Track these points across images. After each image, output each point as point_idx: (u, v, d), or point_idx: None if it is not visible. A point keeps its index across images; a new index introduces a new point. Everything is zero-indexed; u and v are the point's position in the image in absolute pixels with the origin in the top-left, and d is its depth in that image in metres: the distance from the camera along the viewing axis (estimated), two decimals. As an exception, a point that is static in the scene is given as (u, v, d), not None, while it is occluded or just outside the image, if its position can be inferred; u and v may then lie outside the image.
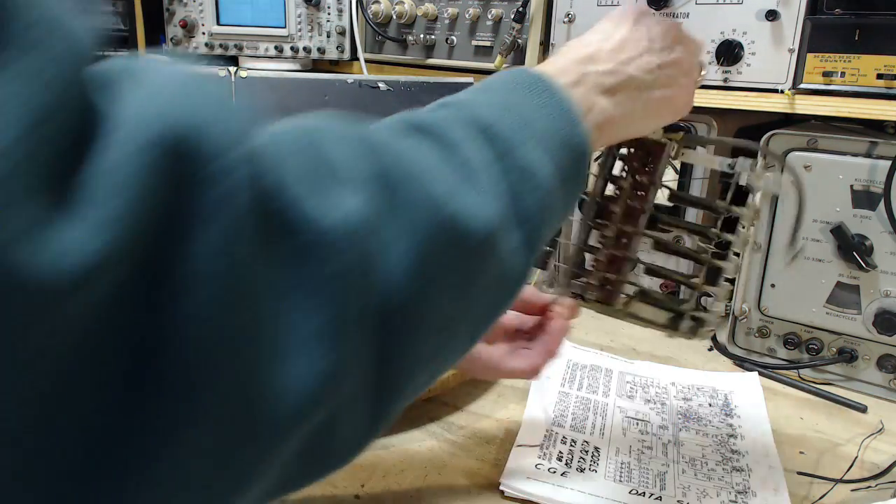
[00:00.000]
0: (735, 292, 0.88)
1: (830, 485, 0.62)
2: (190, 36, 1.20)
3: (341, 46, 1.23)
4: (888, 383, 0.79)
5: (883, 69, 0.74)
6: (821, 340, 0.83)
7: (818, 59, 0.78)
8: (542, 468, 0.62)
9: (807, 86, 0.79)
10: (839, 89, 0.77)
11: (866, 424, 0.74)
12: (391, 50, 1.16)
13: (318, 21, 1.21)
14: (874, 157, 0.76)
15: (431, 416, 0.71)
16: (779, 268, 0.84)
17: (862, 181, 0.77)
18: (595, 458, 0.64)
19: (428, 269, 0.30)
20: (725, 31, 0.83)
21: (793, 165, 0.80)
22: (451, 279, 0.32)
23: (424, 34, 1.09)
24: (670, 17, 0.87)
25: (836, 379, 0.83)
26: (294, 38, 1.21)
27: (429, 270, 0.30)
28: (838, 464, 0.66)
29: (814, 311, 0.82)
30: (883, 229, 0.76)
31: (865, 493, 0.61)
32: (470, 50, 1.06)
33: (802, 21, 0.78)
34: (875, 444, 0.70)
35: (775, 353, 0.87)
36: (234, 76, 0.78)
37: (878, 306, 0.78)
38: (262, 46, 1.21)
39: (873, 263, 0.77)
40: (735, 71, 0.84)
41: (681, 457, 0.65)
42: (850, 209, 0.78)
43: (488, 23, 1.02)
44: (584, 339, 0.89)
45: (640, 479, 0.61)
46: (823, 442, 0.70)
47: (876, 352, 0.80)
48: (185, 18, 1.18)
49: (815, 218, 0.81)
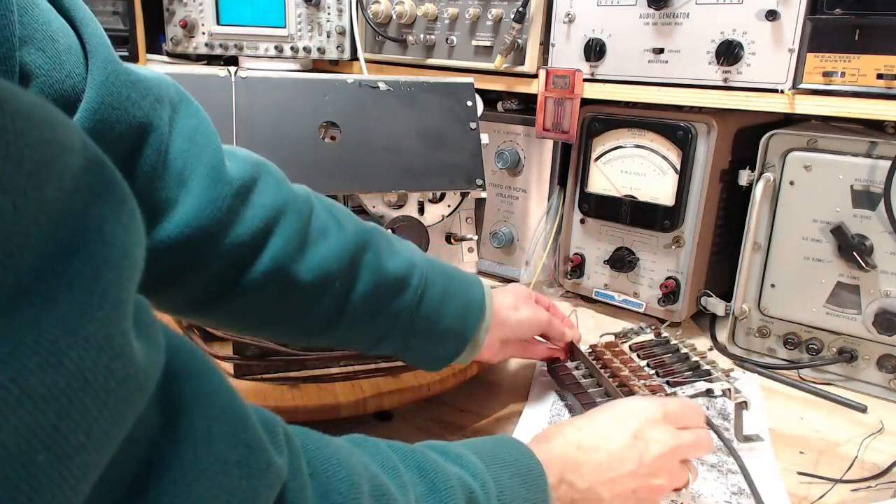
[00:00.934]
0: (735, 292, 0.88)
1: (830, 485, 0.62)
2: (190, 36, 1.20)
3: (341, 46, 1.23)
4: (888, 383, 0.79)
5: (883, 69, 0.74)
6: (821, 340, 0.83)
7: (818, 59, 0.78)
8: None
9: (807, 86, 0.79)
10: (839, 89, 0.77)
11: (866, 424, 0.74)
12: (391, 50, 1.16)
13: (318, 21, 1.21)
14: (874, 157, 0.76)
15: (431, 416, 0.71)
16: (779, 268, 0.84)
17: (862, 181, 0.77)
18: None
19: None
20: (725, 31, 0.83)
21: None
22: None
23: (424, 34, 1.09)
24: (670, 17, 0.87)
25: (836, 379, 0.83)
26: (294, 38, 1.21)
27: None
28: (838, 464, 0.66)
29: (814, 311, 0.82)
30: (883, 229, 0.76)
31: (865, 494, 0.61)
32: (470, 50, 1.05)
33: (802, 21, 0.78)
34: (875, 444, 0.70)
35: (775, 353, 0.87)
36: (234, 76, 0.78)
37: (878, 306, 0.77)
38: (262, 46, 1.21)
39: (873, 263, 0.77)
40: (735, 71, 0.84)
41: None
42: (850, 209, 0.78)
43: (488, 23, 1.02)
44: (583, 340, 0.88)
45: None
46: (823, 442, 0.70)
47: (876, 352, 0.80)
48: (185, 18, 1.18)
49: (815, 218, 0.81)
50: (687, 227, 0.92)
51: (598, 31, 0.94)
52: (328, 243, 0.54)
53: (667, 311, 0.96)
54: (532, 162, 1.07)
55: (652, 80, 0.91)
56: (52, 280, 0.19)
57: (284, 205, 0.52)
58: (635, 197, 0.95)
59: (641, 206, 0.94)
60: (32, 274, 0.19)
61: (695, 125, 0.89)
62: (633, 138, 0.94)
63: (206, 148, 0.49)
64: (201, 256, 0.49)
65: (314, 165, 0.78)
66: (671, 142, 0.90)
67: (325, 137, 0.81)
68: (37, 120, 0.19)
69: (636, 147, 0.93)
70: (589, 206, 1.00)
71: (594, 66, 0.95)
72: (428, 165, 0.83)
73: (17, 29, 0.35)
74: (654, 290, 0.97)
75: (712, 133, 0.88)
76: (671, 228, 0.92)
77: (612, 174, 0.96)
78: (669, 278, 0.95)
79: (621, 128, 0.95)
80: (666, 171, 0.92)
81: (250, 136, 0.77)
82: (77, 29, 0.41)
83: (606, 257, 1.00)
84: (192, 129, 0.49)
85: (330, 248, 0.54)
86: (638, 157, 0.94)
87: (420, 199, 0.85)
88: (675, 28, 0.87)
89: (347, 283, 0.55)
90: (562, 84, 0.96)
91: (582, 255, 1.03)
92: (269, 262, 0.51)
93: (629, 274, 0.99)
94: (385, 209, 0.83)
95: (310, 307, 0.54)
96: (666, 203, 0.92)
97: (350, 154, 0.80)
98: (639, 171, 0.94)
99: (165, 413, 0.25)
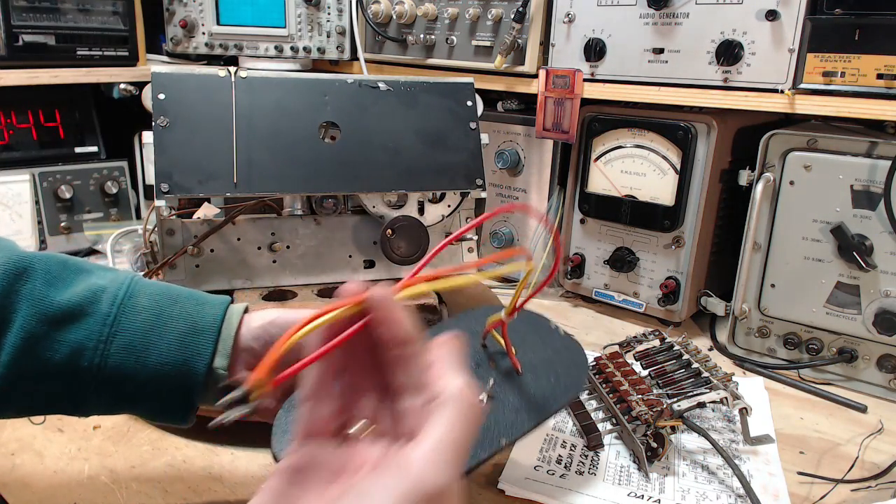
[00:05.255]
0: (735, 292, 0.88)
1: (831, 485, 0.62)
2: (190, 36, 1.20)
3: (341, 46, 1.23)
4: (888, 383, 0.79)
5: (883, 69, 0.74)
6: (821, 340, 0.83)
7: (818, 59, 0.78)
8: (542, 469, 0.62)
9: (807, 86, 0.79)
10: (839, 89, 0.77)
11: (866, 424, 0.74)
12: (391, 50, 1.16)
13: (318, 21, 1.21)
14: (874, 157, 0.76)
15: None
16: (779, 268, 0.84)
17: (862, 181, 0.77)
18: (595, 461, 0.64)
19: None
20: (725, 31, 0.83)
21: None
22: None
23: (424, 34, 1.09)
24: (670, 17, 0.87)
25: (836, 379, 0.83)
26: (294, 38, 1.21)
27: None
28: (838, 464, 0.66)
29: (814, 311, 0.82)
30: (883, 229, 0.76)
31: (865, 494, 0.61)
32: (470, 50, 1.05)
33: (802, 21, 0.78)
34: (875, 444, 0.70)
35: (775, 353, 0.87)
36: (234, 76, 0.78)
37: (878, 306, 0.77)
38: (262, 46, 1.21)
39: (873, 263, 0.77)
40: (735, 71, 0.84)
41: (682, 460, 0.65)
42: (850, 209, 0.78)
43: (488, 23, 1.02)
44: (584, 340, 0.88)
45: (639, 482, 0.61)
46: (823, 442, 0.70)
47: (876, 352, 0.80)
48: (185, 18, 1.18)
49: (815, 218, 0.81)
50: (687, 227, 0.92)
51: (598, 31, 0.94)
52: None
53: (667, 311, 0.96)
54: (532, 162, 1.07)
55: (652, 80, 0.91)
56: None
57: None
58: (635, 197, 0.94)
59: (641, 206, 0.94)
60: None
61: (695, 125, 0.89)
62: (633, 138, 0.94)
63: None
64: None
65: (314, 165, 0.78)
66: (671, 142, 0.90)
67: (325, 137, 0.81)
68: None
69: (636, 147, 0.93)
70: (589, 206, 1.00)
71: (594, 66, 0.95)
72: (428, 165, 0.83)
73: None
74: (654, 290, 0.97)
75: (712, 133, 0.88)
76: (671, 228, 0.92)
77: (612, 174, 0.96)
78: (669, 278, 0.95)
79: (621, 128, 0.95)
80: (666, 171, 0.91)
81: (250, 136, 0.77)
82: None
83: (606, 257, 1.00)
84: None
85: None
86: (638, 157, 0.94)
87: (420, 199, 0.85)
88: (675, 28, 0.87)
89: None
90: (562, 84, 0.96)
91: (582, 255, 1.03)
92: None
93: (629, 274, 0.99)
94: (385, 209, 0.83)
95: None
96: (666, 203, 0.92)
97: (350, 154, 0.80)
98: (639, 171, 0.94)
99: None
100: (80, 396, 0.48)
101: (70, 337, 0.47)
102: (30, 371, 0.46)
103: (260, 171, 0.76)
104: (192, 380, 0.48)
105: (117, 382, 0.47)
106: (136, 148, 1.26)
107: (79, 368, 0.47)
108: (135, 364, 0.48)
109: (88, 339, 0.47)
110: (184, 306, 0.50)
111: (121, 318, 0.48)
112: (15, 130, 1.16)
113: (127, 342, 0.48)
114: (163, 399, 0.49)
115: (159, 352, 0.48)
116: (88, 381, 0.47)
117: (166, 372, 0.48)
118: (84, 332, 0.47)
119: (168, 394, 0.49)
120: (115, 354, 0.47)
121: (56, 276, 0.48)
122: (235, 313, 0.52)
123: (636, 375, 0.71)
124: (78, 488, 0.57)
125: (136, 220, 1.24)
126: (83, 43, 1.13)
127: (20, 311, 0.46)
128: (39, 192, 1.15)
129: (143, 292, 0.50)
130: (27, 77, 1.07)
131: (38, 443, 0.63)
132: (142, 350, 0.48)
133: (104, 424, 0.67)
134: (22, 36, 1.06)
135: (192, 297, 0.51)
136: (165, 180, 0.73)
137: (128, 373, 0.48)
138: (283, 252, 0.82)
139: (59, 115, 1.21)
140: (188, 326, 0.49)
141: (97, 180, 1.21)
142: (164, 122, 0.74)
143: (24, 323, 0.46)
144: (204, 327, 0.49)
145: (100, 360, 0.47)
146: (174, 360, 0.48)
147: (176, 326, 0.49)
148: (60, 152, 1.20)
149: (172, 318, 0.49)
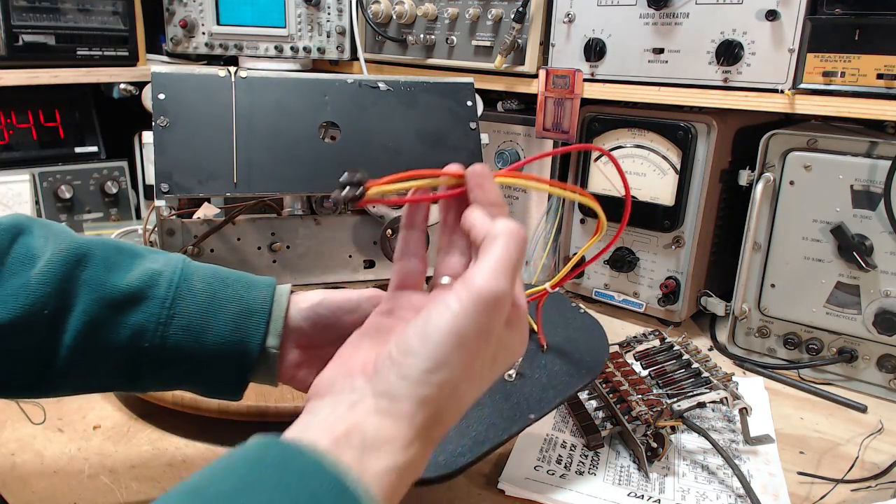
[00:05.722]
0: (735, 292, 0.88)
1: (831, 485, 0.62)
2: (190, 36, 1.20)
3: (341, 46, 1.23)
4: (888, 383, 0.79)
5: (883, 69, 0.74)
6: (821, 340, 0.83)
7: (818, 59, 0.78)
8: (542, 469, 0.62)
9: (807, 86, 0.79)
10: (839, 89, 0.77)
11: (866, 424, 0.74)
12: (391, 50, 1.16)
13: (318, 21, 1.21)
14: (874, 157, 0.76)
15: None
16: (779, 268, 0.84)
17: (862, 181, 0.77)
18: (595, 462, 0.64)
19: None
20: (725, 31, 0.83)
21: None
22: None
23: (424, 34, 1.09)
24: (670, 17, 0.87)
25: (836, 379, 0.83)
26: (294, 38, 1.21)
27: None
28: (838, 464, 0.66)
29: (814, 311, 0.82)
30: (883, 229, 0.76)
31: (865, 494, 0.61)
32: (470, 50, 1.05)
33: (802, 21, 0.78)
34: (875, 444, 0.70)
35: (775, 353, 0.87)
36: (234, 76, 0.78)
37: (878, 306, 0.77)
38: (262, 46, 1.21)
39: (873, 263, 0.77)
40: (735, 71, 0.84)
41: (682, 460, 0.65)
42: (850, 209, 0.78)
43: (488, 23, 1.02)
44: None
45: (639, 482, 0.61)
46: (824, 442, 0.70)
47: (876, 352, 0.80)
48: (185, 18, 1.18)
49: (815, 218, 0.81)
50: (687, 227, 0.92)
51: (598, 31, 0.94)
52: (32, 269, 0.48)
53: (667, 311, 0.96)
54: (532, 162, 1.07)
55: (652, 80, 0.91)
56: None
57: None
58: (635, 197, 0.94)
59: (641, 206, 0.94)
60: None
61: (695, 125, 0.89)
62: (633, 138, 0.94)
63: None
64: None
65: (314, 165, 0.78)
66: (671, 142, 0.90)
67: (325, 137, 0.81)
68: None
69: (636, 147, 0.93)
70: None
71: (594, 66, 0.95)
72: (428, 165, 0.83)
73: None
74: (654, 290, 0.97)
75: (712, 133, 0.88)
76: (671, 228, 0.92)
77: (613, 174, 0.96)
78: (669, 278, 0.95)
79: (621, 128, 0.95)
80: (666, 171, 0.91)
81: (250, 136, 0.77)
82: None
83: (606, 257, 1.00)
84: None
85: (31, 273, 0.47)
86: (638, 156, 0.94)
87: (420, 200, 0.85)
88: (675, 28, 0.87)
89: (58, 309, 0.48)
90: (562, 84, 0.96)
91: (582, 255, 1.03)
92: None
93: (629, 274, 0.99)
94: (385, 209, 0.83)
95: (15, 352, 0.47)
96: (666, 203, 0.92)
97: (350, 154, 0.80)
98: (639, 170, 0.94)
99: None
100: (139, 374, 0.51)
101: (132, 320, 0.49)
102: (92, 352, 0.49)
103: (260, 170, 0.76)
104: (247, 358, 0.52)
105: (176, 361, 0.51)
106: (136, 148, 1.26)
107: (140, 349, 0.50)
108: (193, 344, 0.51)
109: (149, 322, 0.50)
110: (234, 289, 0.53)
111: (178, 301, 0.51)
112: (15, 130, 1.16)
113: (185, 324, 0.51)
114: (219, 377, 0.53)
115: (216, 332, 0.51)
116: (148, 360, 0.50)
117: (223, 352, 0.51)
118: (144, 314, 0.50)
119: (223, 372, 0.52)
120: (174, 335, 0.50)
121: (114, 262, 0.51)
122: (283, 294, 0.55)
123: (636, 375, 0.71)
124: (78, 488, 0.58)
125: (136, 220, 1.24)
126: (83, 43, 1.13)
127: (81, 295, 0.49)
128: (39, 192, 1.15)
129: (195, 275, 0.53)
130: (27, 77, 1.07)
131: (38, 443, 0.63)
132: (199, 331, 0.51)
133: (104, 424, 0.67)
134: (22, 36, 1.06)
135: (240, 279, 0.55)
136: (165, 180, 0.73)
137: (186, 352, 0.51)
138: (283, 252, 0.82)
139: (59, 115, 1.21)
140: (241, 308, 0.53)
141: (97, 180, 1.21)
142: (164, 122, 0.74)
143: (87, 307, 0.48)
144: (255, 309, 0.53)
145: (160, 341, 0.50)
146: (230, 341, 0.51)
147: (230, 308, 0.52)
148: (60, 152, 1.20)
149: (226, 299, 0.52)
